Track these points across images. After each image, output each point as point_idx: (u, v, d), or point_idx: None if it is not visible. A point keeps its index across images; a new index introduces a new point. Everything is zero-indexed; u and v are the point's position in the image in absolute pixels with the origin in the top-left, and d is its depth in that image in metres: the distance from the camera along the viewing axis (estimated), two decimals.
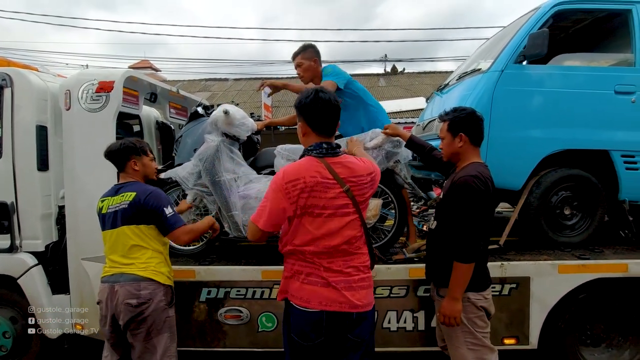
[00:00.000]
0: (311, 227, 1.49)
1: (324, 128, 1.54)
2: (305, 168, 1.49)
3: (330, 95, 1.52)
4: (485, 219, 1.71)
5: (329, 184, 1.47)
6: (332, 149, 1.53)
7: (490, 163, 2.47)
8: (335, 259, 1.50)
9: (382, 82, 15.83)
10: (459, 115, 1.83)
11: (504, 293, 2.32)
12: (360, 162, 1.58)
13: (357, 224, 1.53)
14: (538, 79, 2.55)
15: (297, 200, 1.46)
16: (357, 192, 1.51)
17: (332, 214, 1.48)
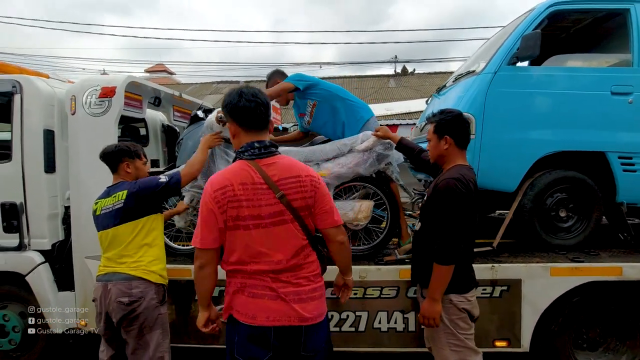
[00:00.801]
0: (249, 241, 1.36)
1: (252, 122, 1.40)
2: (234, 173, 1.37)
3: (254, 89, 1.42)
4: (468, 222, 1.72)
5: (261, 189, 1.35)
6: (265, 147, 1.40)
7: (483, 165, 2.52)
8: (284, 273, 1.39)
9: (392, 83, 15.77)
10: (444, 117, 1.84)
11: (494, 295, 2.32)
12: (298, 163, 1.48)
13: (299, 232, 1.41)
14: (531, 81, 2.54)
15: (227, 210, 1.34)
16: (293, 195, 1.37)
17: (271, 223, 1.36)
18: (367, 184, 2.57)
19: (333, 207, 1.50)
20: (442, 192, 1.72)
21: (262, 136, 1.43)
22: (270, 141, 1.45)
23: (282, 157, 1.44)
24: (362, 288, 2.38)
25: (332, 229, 1.49)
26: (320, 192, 1.43)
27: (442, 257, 1.68)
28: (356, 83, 16.88)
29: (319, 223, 1.46)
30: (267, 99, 1.43)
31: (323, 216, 1.46)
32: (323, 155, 2.47)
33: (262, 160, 1.39)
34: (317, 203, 1.43)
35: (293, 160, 1.48)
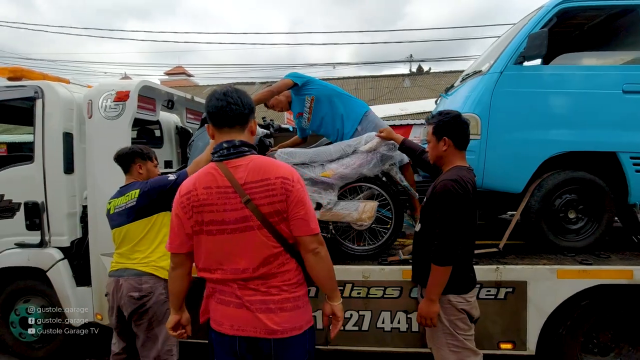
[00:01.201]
0: (212, 246, 1.30)
1: (220, 120, 1.31)
2: (199, 178, 1.32)
3: (230, 88, 1.34)
4: (465, 223, 1.72)
5: (227, 193, 1.27)
6: (234, 147, 1.30)
7: (489, 165, 2.50)
8: (253, 281, 1.31)
9: (407, 83, 15.64)
10: (442, 119, 1.85)
11: (499, 297, 2.30)
12: (273, 164, 1.34)
13: (268, 240, 1.29)
14: (539, 80, 2.51)
15: (192, 215, 1.29)
16: (261, 200, 1.26)
17: (235, 229, 1.27)
18: (372, 185, 2.59)
19: (309, 214, 1.33)
20: (439, 193, 1.73)
21: (233, 135, 1.32)
22: (242, 141, 1.32)
23: (255, 158, 1.32)
24: (365, 288, 2.41)
25: (306, 237, 1.32)
26: (293, 196, 1.29)
27: (438, 257, 1.69)
28: (371, 83, 16.82)
29: (293, 230, 1.32)
30: (244, 99, 1.33)
31: (297, 223, 1.30)
32: (327, 156, 2.50)
33: (230, 161, 1.30)
34: (290, 208, 1.29)
35: (268, 161, 1.34)
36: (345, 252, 2.65)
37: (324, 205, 2.50)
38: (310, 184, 2.52)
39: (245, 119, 1.34)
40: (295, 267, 1.37)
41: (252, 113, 1.37)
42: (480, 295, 2.28)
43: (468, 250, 1.82)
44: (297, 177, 1.34)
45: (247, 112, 1.34)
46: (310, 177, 2.48)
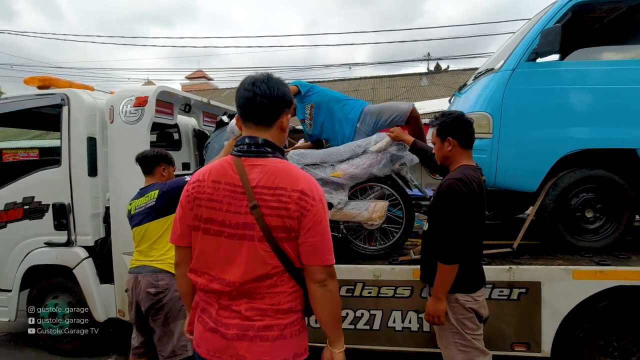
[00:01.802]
0: (205, 246, 1.16)
1: (247, 113, 1.16)
2: (211, 168, 1.19)
3: (264, 77, 1.17)
4: (470, 221, 1.71)
5: (235, 192, 1.12)
6: (256, 145, 1.15)
7: (501, 164, 2.48)
8: (236, 300, 1.14)
9: (424, 82, 15.45)
10: (445, 120, 1.86)
11: (512, 297, 2.26)
12: (294, 173, 1.14)
13: (267, 255, 1.11)
14: (553, 76, 2.45)
15: (194, 206, 1.17)
16: (269, 210, 1.09)
17: (233, 234, 1.12)
18: (382, 185, 2.61)
19: (325, 240, 1.13)
20: (444, 192, 1.73)
21: (258, 132, 1.16)
22: (267, 140, 1.16)
23: (277, 162, 1.15)
24: (376, 287, 2.42)
25: (315, 267, 1.13)
26: (310, 216, 1.09)
27: (444, 256, 1.70)
28: (388, 82, 16.71)
29: (302, 255, 1.13)
30: (276, 90, 1.14)
31: (307, 249, 1.12)
32: (338, 157, 2.54)
33: (248, 159, 1.14)
34: (303, 229, 1.10)
35: (290, 168, 1.15)
36: (356, 252, 2.67)
37: (335, 205, 2.53)
38: (321, 184, 2.55)
39: (274, 114, 1.16)
40: (291, 291, 1.16)
41: (284, 107, 1.18)
42: (492, 295, 2.26)
43: (475, 249, 1.81)
44: (320, 195, 1.14)
45: (277, 107, 1.16)
46: (321, 178, 2.52)
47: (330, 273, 1.16)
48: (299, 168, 1.21)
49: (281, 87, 1.16)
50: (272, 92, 1.14)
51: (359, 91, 16.53)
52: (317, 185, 1.16)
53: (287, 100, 1.18)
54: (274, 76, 1.18)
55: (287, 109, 1.21)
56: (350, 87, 17.21)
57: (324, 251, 1.13)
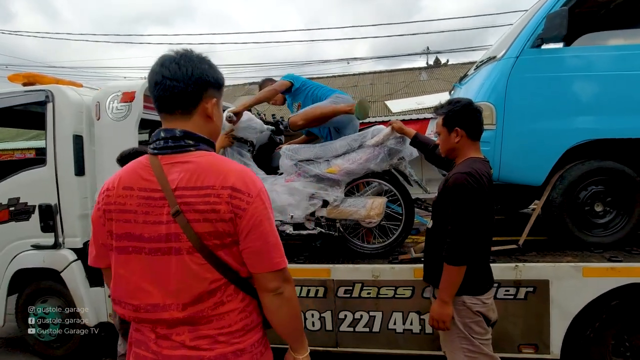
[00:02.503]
0: (124, 271, 0.93)
1: (158, 101, 0.96)
2: (124, 173, 0.97)
3: (176, 52, 0.96)
4: (480, 219, 1.59)
5: (151, 199, 0.91)
6: (174, 139, 0.94)
7: (505, 157, 2.36)
8: (177, 327, 0.93)
9: (423, 76, 15.27)
10: (453, 108, 1.72)
11: (519, 297, 2.15)
12: (222, 167, 0.93)
13: (201, 268, 0.90)
14: (560, 63, 2.33)
15: (105, 222, 0.95)
16: (196, 214, 0.89)
17: (155, 250, 0.91)
18: (380, 181, 2.49)
19: (271, 244, 0.94)
20: (451, 188, 1.60)
21: (176, 123, 0.95)
22: (186, 131, 0.95)
23: (202, 156, 0.94)
24: (375, 287, 2.31)
25: (266, 275, 0.94)
26: (248, 216, 0.90)
27: (452, 257, 1.57)
28: (387, 78, 16.54)
29: (247, 264, 0.94)
30: (191, 70, 0.94)
31: (251, 257, 0.93)
32: (333, 152, 2.42)
33: (166, 156, 0.93)
34: (242, 234, 0.91)
35: (217, 162, 0.94)
36: (354, 251, 2.56)
37: (331, 203, 2.42)
38: (316, 181, 2.44)
39: (190, 100, 0.95)
40: (243, 306, 0.96)
41: (205, 90, 0.96)
42: (498, 295, 2.14)
43: (484, 248, 1.69)
44: (258, 190, 0.93)
45: (194, 90, 0.94)
46: (315, 174, 2.41)
47: (284, 278, 0.97)
48: (232, 160, 1.00)
49: (198, 66, 0.95)
50: (186, 72, 0.93)
51: (358, 87, 16.37)
52: (254, 178, 0.95)
53: (209, 81, 0.97)
54: (193, 53, 0.97)
55: (213, 92, 0.99)
56: (349, 82, 17.04)
57: (271, 255, 0.94)
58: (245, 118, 2.54)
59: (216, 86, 1.00)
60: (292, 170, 2.50)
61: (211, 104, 0.98)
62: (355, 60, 22.71)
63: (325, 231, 2.53)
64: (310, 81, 2.75)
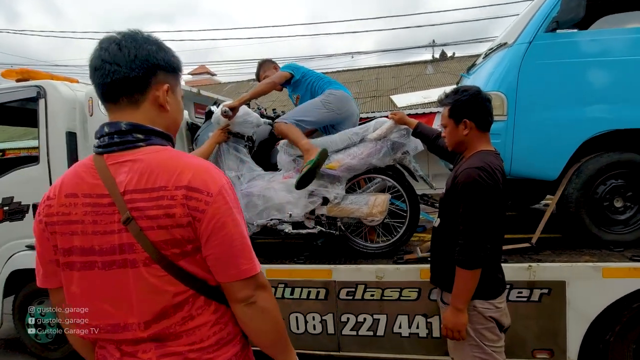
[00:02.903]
0: (77, 289, 0.82)
1: (100, 89, 0.82)
2: (65, 179, 0.84)
3: (119, 33, 0.83)
4: (495, 217, 1.45)
5: (99, 205, 0.79)
6: (120, 133, 0.81)
7: (517, 150, 2.21)
8: (143, 344, 0.82)
9: (429, 70, 15.01)
10: (460, 98, 1.58)
11: (533, 299, 2.01)
12: (177, 164, 0.80)
13: (160, 281, 0.79)
14: (576, 48, 2.17)
15: (49, 236, 0.83)
16: (148, 221, 0.77)
17: (108, 263, 0.79)
18: (383, 176, 2.36)
19: (238, 249, 0.81)
20: (462, 184, 1.46)
21: (123, 114, 0.82)
22: (134, 123, 0.82)
23: (154, 152, 0.81)
24: (379, 289, 2.19)
25: (234, 284, 0.82)
26: (207, 219, 0.78)
27: (466, 260, 1.43)
28: (392, 72, 16.30)
29: (213, 273, 0.83)
30: (134, 52, 0.80)
31: (216, 264, 0.81)
32: (333, 146, 2.29)
33: (112, 155, 0.81)
34: (202, 238, 0.79)
35: (173, 157, 0.81)
36: (356, 250, 2.43)
37: (331, 200, 2.29)
38: (317, 178, 2.31)
39: (136, 86, 0.81)
40: (216, 318, 0.85)
41: (153, 74, 0.83)
42: (510, 297, 2.01)
43: (497, 248, 1.56)
44: (220, 187, 0.80)
45: (140, 75, 0.81)
46: None
47: (257, 285, 0.84)
48: (191, 155, 0.87)
49: (144, 47, 0.81)
50: (128, 54, 0.79)
51: (363, 82, 16.16)
52: (216, 173, 0.82)
53: (157, 63, 0.83)
54: (140, 33, 0.84)
55: (164, 76, 0.85)
56: (354, 77, 16.83)
57: (238, 261, 0.81)
58: (242, 112, 2.42)
59: (168, 70, 0.86)
60: (291, 166, 2.38)
61: (162, 91, 0.85)
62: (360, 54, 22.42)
63: (326, 230, 2.41)
64: (311, 72, 2.60)
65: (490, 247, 1.46)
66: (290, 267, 2.31)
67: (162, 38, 0.88)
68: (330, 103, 2.40)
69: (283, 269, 2.32)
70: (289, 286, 2.31)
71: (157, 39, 0.86)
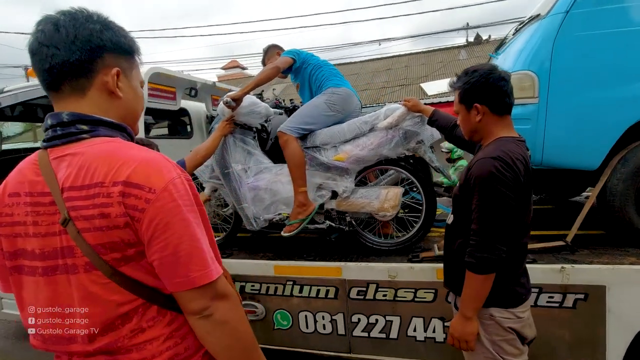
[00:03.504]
0: (26, 295, 0.76)
1: (39, 74, 0.74)
2: (10, 177, 0.78)
3: (58, 13, 0.74)
4: (514, 215, 1.26)
5: (39, 204, 0.72)
6: (62, 125, 0.73)
7: (550, 136, 1.97)
8: (94, 357, 0.74)
9: (462, 55, 14.25)
10: (469, 79, 1.37)
11: (566, 305, 1.78)
12: (116, 157, 0.70)
13: (106, 292, 0.71)
14: (624, 15, 1.86)
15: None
16: (86, 224, 0.69)
17: (50, 268, 0.72)
18: (397, 168, 2.18)
19: (184, 250, 0.70)
20: (476, 178, 1.27)
21: (67, 104, 0.75)
22: (76, 113, 0.73)
23: (97, 144, 0.72)
24: (392, 289, 2.03)
25: (185, 294, 0.72)
26: (148, 219, 0.68)
27: (476, 263, 1.25)
28: (423, 59, 15.67)
29: (162, 281, 0.73)
30: (75, 31, 0.71)
31: (162, 271, 0.71)
32: (341, 137, 2.14)
33: (55, 149, 0.73)
34: (147, 241, 0.69)
35: (114, 150, 0.72)
36: (368, 247, 2.28)
37: (340, 194, 2.15)
38: (323, 170, 2.18)
39: (77, 71, 0.73)
40: (169, 332, 0.75)
41: (98, 56, 0.74)
42: (539, 301, 1.79)
43: (519, 249, 1.35)
44: (166, 183, 0.70)
45: (80, 58, 0.72)
46: (322, 162, 2.15)
47: (214, 295, 0.74)
48: (138, 147, 0.75)
49: (85, 26, 0.72)
50: (66, 35, 0.70)
51: (392, 70, 15.67)
52: (164, 167, 0.72)
53: (103, 45, 0.74)
54: (82, 12, 0.74)
55: (113, 59, 0.76)
56: (383, 66, 16.36)
57: (187, 268, 0.70)
58: (247, 103, 2.32)
59: (119, 51, 0.77)
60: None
61: (111, 76, 0.76)
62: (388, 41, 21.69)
63: (336, 225, 2.28)
64: (311, 59, 2.39)
65: (506, 249, 1.26)
66: (298, 264, 2.21)
67: (196, 34, 0.79)
68: (335, 104, 2.22)
69: (291, 266, 2.22)
70: (297, 284, 2.21)
71: (103, 17, 0.77)
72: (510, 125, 1.39)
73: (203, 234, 0.75)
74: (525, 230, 1.37)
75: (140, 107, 0.86)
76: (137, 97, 0.84)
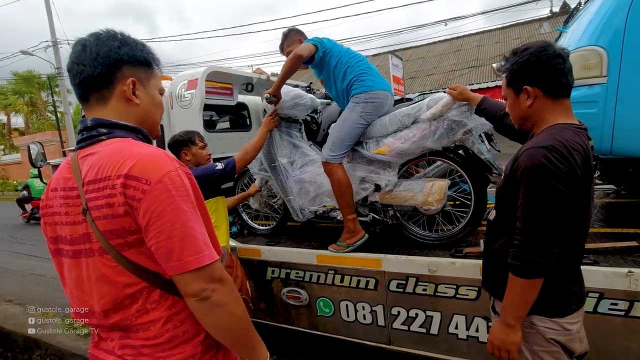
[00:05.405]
0: (66, 275, 0.91)
1: (75, 88, 0.89)
2: (54, 174, 0.94)
3: (96, 35, 0.88)
4: (568, 213, 1.12)
5: (69, 197, 0.86)
6: (87, 129, 0.87)
7: (621, 121, 1.75)
8: (111, 333, 0.87)
9: (545, 28, 12.69)
10: (518, 60, 1.23)
11: (633, 314, 1.57)
12: (122, 154, 0.81)
13: (115, 274, 0.82)
14: None
15: (44, 225, 0.94)
16: (98, 213, 0.80)
17: (76, 252, 0.85)
18: (443, 159, 2.08)
19: (177, 236, 0.78)
20: (524, 169, 1.13)
21: (92, 111, 0.89)
22: (97, 119, 0.87)
23: (111, 144, 0.85)
24: (432, 284, 1.98)
25: (181, 277, 0.79)
26: (144, 208, 0.77)
27: (522, 267, 1.13)
28: (497, 36, 14.36)
29: (161, 264, 0.81)
30: (97, 49, 0.85)
31: (159, 256, 0.79)
32: (382, 130, 2.10)
33: (82, 150, 0.88)
34: (144, 228, 0.79)
35: (121, 148, 0.83)
36: (412, 239, 2.24)
37: (383, 187, 2.14)
38: (366, 163, 2.18)
39: (100, 83, 0.87)
40: (169, 315, 0.84)
41: (117, 69, 0.87)
42: (599, 308, 1.61)
43: (573, 252, 1.21)
44: (161, 175, 0.79)
45: (102, 72, 0.85)
46: (364, 156, 2.15)
47: (210, 278, 0.81)
48: (145, 145, 0.86)
49: (106, 44, 0.86)
50: (90, 53, 0.84)
51: (462, 51, 14.65)
52: (163, 161, 0.81)
53: (121, 59, 0.87)
54: (109, 32, 0.88)
55: (131, 70, 0.89)
56: (452, 47, 15.36)
57: (181, 253, 0.78)
58: (291, 96, 2.39)
59: (135, 64, 0.89)
60: None
61: (128, 85, 0.88)
62: (454, 20, 20.14)
63: (380, 217, 2.27)
64: (335, 49, 2.20)
65: (557, 252, 1.13)
66: (340, 255, 2.26)
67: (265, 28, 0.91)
68: (371, 114, 2.11)
69: (333, 256, 2.27)
70: (338, 273, 2.26)
71: (123, 36, 0.90)
72: (568, 109, 1.21)
73: (198, 222, 0.83)
74: (581, 230, 1.21)
75: (159, 112, 0.98)
76: (155, 103, 0.95)
